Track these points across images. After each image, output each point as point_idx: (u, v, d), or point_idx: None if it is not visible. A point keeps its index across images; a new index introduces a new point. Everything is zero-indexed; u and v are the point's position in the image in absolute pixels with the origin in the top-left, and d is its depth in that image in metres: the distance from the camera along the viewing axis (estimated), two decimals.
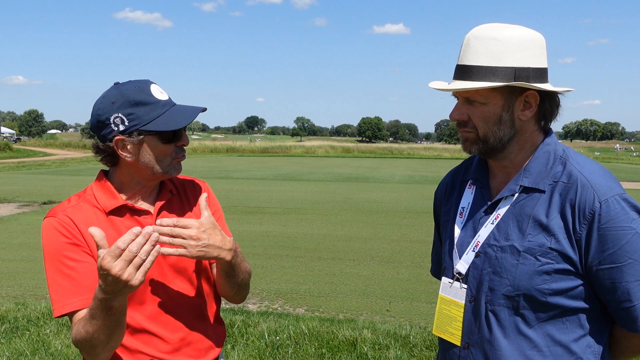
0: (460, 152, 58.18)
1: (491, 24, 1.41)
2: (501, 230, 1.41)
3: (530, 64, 1.37)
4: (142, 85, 1.52)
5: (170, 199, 1.64)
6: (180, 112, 1.52)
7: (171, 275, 1.57)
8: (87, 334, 1.37)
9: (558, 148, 1.44)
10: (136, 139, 1.49)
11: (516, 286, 1.36)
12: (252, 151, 57.19)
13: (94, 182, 1.61)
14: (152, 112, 1.49)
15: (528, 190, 1.41)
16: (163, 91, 1.55)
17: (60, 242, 1.48)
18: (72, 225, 1.50)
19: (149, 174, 1.54)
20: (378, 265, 7.87)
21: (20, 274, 7.10)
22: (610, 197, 1.33)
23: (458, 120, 1.44)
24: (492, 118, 1.39)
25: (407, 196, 16.91)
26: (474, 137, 1.43)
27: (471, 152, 1.46)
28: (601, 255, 1.32)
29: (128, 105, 1.48)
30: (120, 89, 1.51)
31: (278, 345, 4.46)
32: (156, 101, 1.50)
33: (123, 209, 1.55)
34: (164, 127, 1.48)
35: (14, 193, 15.79)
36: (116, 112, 1.48)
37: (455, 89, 1.39)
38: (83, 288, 1.45)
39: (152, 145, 1.51)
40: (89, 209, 1.54)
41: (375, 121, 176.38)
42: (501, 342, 1.39)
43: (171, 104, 1.54)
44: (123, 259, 1.24)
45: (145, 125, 1.48)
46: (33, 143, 67.10)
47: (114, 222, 1.54)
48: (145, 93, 1.50)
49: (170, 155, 1.54)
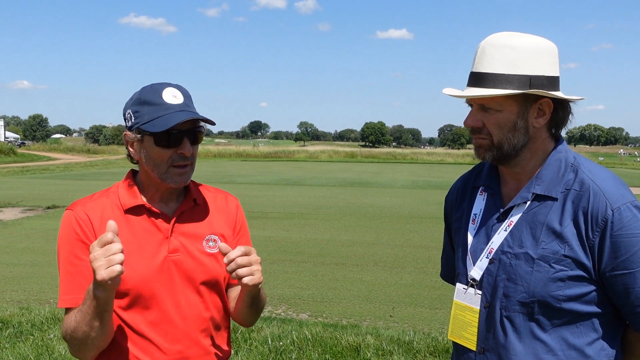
0: (463, 157, 58.33)
1: (506, 32, 1.43)
2: (515, 237, 1.43)
3: (544, 72, 1.40)
4: (157, 86, 1.53)
5: (192, 207, 1.61)
6: (178, 116, 1.48)
7: (181, 284, 1.55)
8: (75, 323, 1.41)
9: (569, 155, 1.46)
10: (137, 137, 1.51)
11: (531, 293, 1.39)
12: (256, 156, 57.27)
13: (122, 180, 1.62)
14: (154, 113, 1.49)
15: (540, 198, 1.43)
16: (178, 95, 1.53)
17: (71, 237, 1.50)
18: (86, 222, 1.51)
19: (155, 178, 1.54)
20: (381, 270, 7.86)
21: (24, 279, 7.12)
22: (622, 205, 1.35)
23: (473, 127, 1.46)
24: (507, 125, 1.42)
25: (411, 201, 16.89)
26: (488, 143, 1.44)
27: (485, 159, 1.48)
28: (614, 261, 1.34)
29: (137, 103, 1.51)
30: (143, 88, 1.54)
31: (281, 350, 4.46)
32: (161, 103, 1.49)
33: (141, 209, 1.55)
34: (154, 128, 1.46)
35: (18, 197, 15.83)
36: (130, 107, 1.53)
37: (472, 95, 1.41)
38: (79, 287, 1.46)
39: (148, 147, 1.51)
40: (108, 206, 1.55)
41: (378, 126, 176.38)
42: (516, 347, 1.41)
43: (178, 109, 1.50)
44: (104, 249, 1.28)
45: (143, 124, 1.49)
46: (37, 147, 67.41)
47: (130, 220, 1.54)
48: (155, 94, 1.50)
49: (167, 161, 1.51)
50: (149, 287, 1.50)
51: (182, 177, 1.53)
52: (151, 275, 1.50)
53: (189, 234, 1.58)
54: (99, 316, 1.37)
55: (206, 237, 1.61)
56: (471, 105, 1.46)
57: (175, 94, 1.52)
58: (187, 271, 1.55)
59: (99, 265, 1.27)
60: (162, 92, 1.51)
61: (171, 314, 1.53)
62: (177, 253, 1.54)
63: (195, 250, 1.57)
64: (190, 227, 1.59)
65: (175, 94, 1.53)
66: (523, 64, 1.38)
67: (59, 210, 13.40)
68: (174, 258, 1.54)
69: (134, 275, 1.48)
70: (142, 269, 1.50)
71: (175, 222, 1.57)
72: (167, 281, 1.53)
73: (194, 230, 1.60)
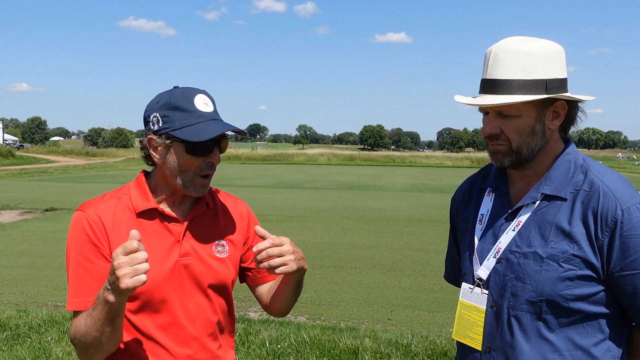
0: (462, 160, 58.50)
1: (516, 37, 1.45)
2: (523, 237, 1.44)
3: (557, 75, 1.42)
4: (188, 92, 1.51)
5: (204, 211, 1.61)
6: (212, 127, 1.48)
7: (190, 288, 1.55)
8: (85, 327, 1.39)
9: (578, 157, 1.48)
10: (164, 142, 1.49)
11: (539, 292, 1.39)
12: (255, 159, 57.31)
13: (134, 180, 1.61)
14: (186, 120, 1.47)
15: (549, 198, 1.44)
16: (209, 103, 1.52)
17: (82, 239, 1.48)
18: (98, 224, 1.49)
19: (173, 183, 1.53)
20: (380, 273, 7.86)
21: (22, 281, 7.10)
22: (632, 205, 1.36)
23: (491, 134, 1.46)
24: (526, 130, 1.43)
25: (409, 204, 16.90)
26: (507, 149, 1.45)
27: (503, 165, 1.48)
28: (623, 262, 1.35)
29: (167, 108, 1.48)
30: (170, 92, 1.52)
31: (279, 353, 4.45)
32: (194, 110, 1.48)
33: (154, 212, 1.54)
34: (188, 136, 1.45)
35: (17, 200, 15.81)
36: (156, 111, 1.50)
37: (491, 104, 1.41)
38: (89, 290, 1.45)
39: (178, 153, 1.49)
40: (120, 208, 1.53)
41: (377, 129, 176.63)
42: (523, 347, 1.42)
43: (210, 117, 1.50)
44: (129, 257, 1.27)
45: (174, 130, 1.47)
46: (36, 150, 67.38)
47: (142, 224, 1.52)
48: (187, 100, 1.49)
49: (194, 170, 1.51)
50: (160, 290, 1.50)
51: (204, 187, 1.55)
52: (162, 278, 1.50)
53: (200, 238, 1.58)
54: (111, 322, 1.36)
55: (216, 241, 1.61)
56: (486, 112, 1.47)
57: (206, 102, 1.52)
58: (197, 275, 1.55)
59: (124, 274, 1.26)
60: (194, 99, 1.49)
61: (180, 317, 1.53)
62: (187, 257, 1.54)
63: (205, 255, 1.57)
64: (201, 231, 1.59)
65: (206, 101, 1.52)
66: (538, 69, 1.40)
67: (57, 213, 13.39)
68: (184, 262, 1.54)
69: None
70: (153, 272, 1.47)
71: (187, 225, 1.56)
72: (178, 285, 1.52)
73: (205, 234, 1.59)
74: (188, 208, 1.60)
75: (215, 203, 1.67)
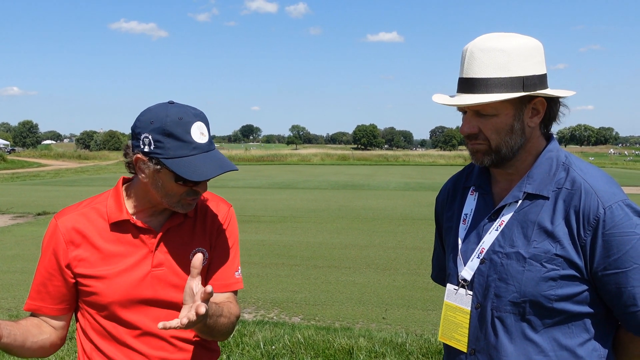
0: (455, 158, 58.52)
1: (491, 34, 1.42)
2: (506, 236, 1.42)
3: (534, 71, 1.39)
4: (186, 118, 1.44)
5: (181, 222, 1.57)
6: (207, 163, 1.44)
7: (163, 298, 1.52)
8: None
9: (560, 154, 1.45)
10: (153, 167, 1.45)
11: (522, 292, 1.37)
12: (248, 160, 57.12)
13: (113, 188, 1.59)
14: (179, 150, 1.42)
15: (532, 197, 1.42)
16: (205, 133, 1.48)
17: (49, 247, 1.55)
18: (65, 235, 1.52)
19: (156, 199, 1.51)
20: (374, 272, 7.86)
21: (14, 286, 7.05)
22: (614, 204, 1.34)
23: (469, 134, 1.44)
24: (504, 128, 1.40)
25: (403, 203, 16.92)
26: (486, 148, 1.43)
27: (483, 164, 1.46)
28: (606, 260, 1.33)
29: (161, 132, 1.42)
30: (167, 112, 1.44)
31: (274, 354, 4.44)
32: (190, 141, 1.43)
33: (127, 224, 1.52)
34: (181, 172, 1.41)
35: (8, 204, 15.72)
36: (149, 132, 1.43)
37: (467, 104, 1.38)
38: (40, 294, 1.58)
39: (165, 180, 1.46)
40: (95, 218, 1.53)
41: (370, 128, 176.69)
42: (507, 348, 1.40)
43: (204, 149, 1.46)
44: None
45: (166, 159, 1.42)
46: (27, 154, 67.04)
47: (115, 234, 1.52)
48: (183, 128, 1.43)
49: (181, 195, 1.48)
50: (130, 301, 1.49)
51: (191, 206, 1.52)
52: (132, 288, 1.49)
53: (176, 248, 1.55)
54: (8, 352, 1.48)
55: (193, 250, 1.58)
56: (464, 112, 1.44)
57: (202, 131, 1.47)
58: (171, 285, 1.53)
59: None
60: (191, 129, 1.44)
61: (152, 327, 1.51)
62: (161, 267, 1.52)
63: (179, 265, 1.54)
64: (177, 241, 1.56)
65: (203, 130, 1.47)
66: (514, 66, 1.36)
67: (49, 217, 13.29)
68: (157, 273, 1.52)
69: (116, 289, 1.48)
70: (124, 283, 1.49)
71: (162, 236, 1.54)
72: (150, 295, 1.51)
73: (181, 243, 1.57)
74: (165, 218, 1.57)
75: (196, 210, 1.62)
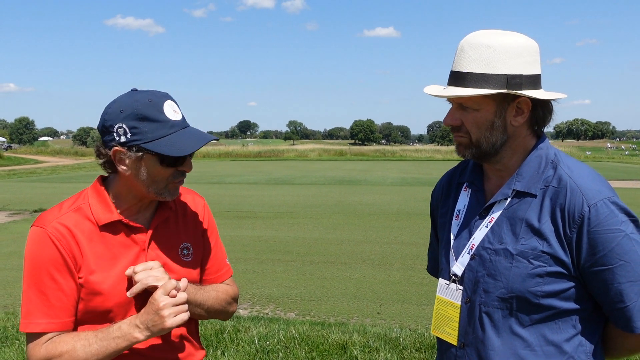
0: (452, 153, 58.17)
1: (485, 30, 1.43)
2: (495, 233, 1.44)
3: (522, 71, 1.39)
4: (155, 99, 1.42)
5: (167, 217, 1.58)
6: (187, 138, 1.42)
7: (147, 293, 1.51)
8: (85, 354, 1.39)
9: (550, 152, 1.46)
10: (135, 155, 1.41)
11: (510, 289, 1.40)
12: (245, 155, 57.12)
13: (90, 188, 1.54)
14: (157, 131, 1.40)
15: (520, 195, 1.44)
16: (177, 110, 1.45)
17: (47, 257, 1.41)
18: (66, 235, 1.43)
19: (143, 191, 1.48)
20: (369, 268, 7.89)
21: (10, 283, 7.05)
22: (599, 201, 1.35)
23: (451, 125, 1.47)
24: (484, 124, 1.42)
25: (399, 198, 16.95)
26: (467, 141, 1.45)
27: (464, 156, 1.49)
28: (592, 258, 1.35)
29: (134, 118, 1.39)
30: (134, 98, 1.41)
31: (268, 350, 4.47)
32: (165, 120, 1.41)
33: (118, 224, 1.49)
34: (166, 150, 1.39)
35: (5, 201, 15.68)
36: (121, 121, 1.40)
37: (447, 95, 1.42)
38: (54, 309, 1.42)
39: (150, 165, 1.43)
40: (81, 221, 1.47)
41: (367, 124, 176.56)
42: (494, 342, 1.43)
43: (181, 126, 1.44)
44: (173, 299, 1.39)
45: (146, 143, 1.39)
46: (24, 151, 66.73)
47: (106, 238, 1.47)
48: (155, 109, 1.40)
49: (167, 178, 1.46)
50: (125, 301, 1.49)
51: (177, 190, 1.52)
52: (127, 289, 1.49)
53: (166, 244, 1.56)
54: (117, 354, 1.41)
55: (181, 245, 1.59)
56: (452, 104, 1.47)
57: (175, 109, 1.45)
58: None
59: (169, 314, 1.38)
60: (163, 108, 1.42)
61: None
62: None
63: (171, 261, 1.56)
64: (166, 238, 1.57)
65: (175, 108, 1.45)
66: (500, 64, 1.37)
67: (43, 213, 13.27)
68: None
69: (111, 291, 1.47)
70: (118, 284, 1.48)
71: (152, 234, 1.53)
72: (143, 293, 1.50)
73: (170, 240, 1.58)
74: (152, 214, 1.56)
75: (177, 204, 1.64)
